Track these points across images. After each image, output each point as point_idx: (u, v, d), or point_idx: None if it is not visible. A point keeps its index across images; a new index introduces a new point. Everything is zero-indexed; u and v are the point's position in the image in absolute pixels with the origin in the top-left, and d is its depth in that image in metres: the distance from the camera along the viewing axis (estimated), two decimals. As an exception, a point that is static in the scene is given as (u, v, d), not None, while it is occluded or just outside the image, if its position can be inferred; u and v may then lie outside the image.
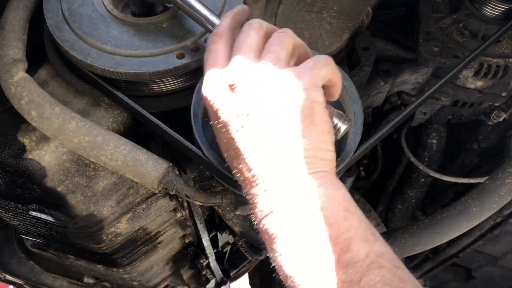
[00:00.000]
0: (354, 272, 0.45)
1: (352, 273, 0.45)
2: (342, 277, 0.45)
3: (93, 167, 0.78)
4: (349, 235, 0.47)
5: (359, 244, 0.46)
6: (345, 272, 0.45)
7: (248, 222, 0.93)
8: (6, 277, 1.29)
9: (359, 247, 0.46)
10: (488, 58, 0.91)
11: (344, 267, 0.45)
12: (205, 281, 1.48)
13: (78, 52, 0.73)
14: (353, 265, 0.45)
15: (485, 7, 0.95)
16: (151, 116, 0.73)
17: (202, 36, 0.75)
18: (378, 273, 0.45)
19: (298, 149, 0.52)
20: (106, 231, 0.90)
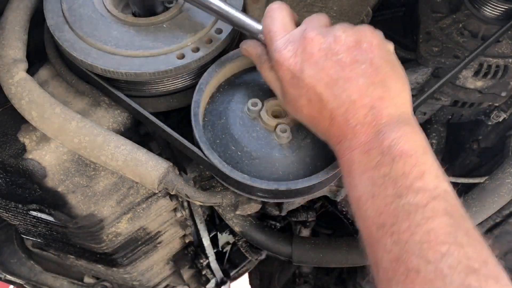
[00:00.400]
0: (422, 197, 0.50)
1: (420, 198, 0.50)
2: (411, 200, 0.50)
3: (93, 167, 0.78)
4: (424, 168, 0.52)
5: (430, 177, 0.52)
6: (414, 196, 0.50)
7: (248, 222, 0.93)
8: (6, 277, 1.29)
9: (430, 180, 0.51)
10: (488, 58, 0.91)
11: (415, 192, 0.50)
12: (205, 281, 1.48)
13: (78, 52, 0.73)
14: (422, 192, 0.50)
15: (485, 7, 0.95)
16: (151, 116, 0.73)
17: (202, 36, 0.75)
18: (443, 204, 0.50)
19: (405, 91, 0.59)
20: (107, 231, 0.90)
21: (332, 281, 1.86)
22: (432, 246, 0.47)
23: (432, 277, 0.45)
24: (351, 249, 0.93)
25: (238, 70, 0.80)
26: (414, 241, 0.48)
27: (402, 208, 0.50)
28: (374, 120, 0.56)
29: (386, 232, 0.50)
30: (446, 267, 0.45)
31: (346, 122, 0.57)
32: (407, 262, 0.47)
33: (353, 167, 0.56)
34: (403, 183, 0.51)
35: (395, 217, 0.50)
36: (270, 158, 0.70)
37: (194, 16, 0.77)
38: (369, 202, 0.54)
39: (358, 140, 0.56)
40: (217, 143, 0.73)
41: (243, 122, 0.73)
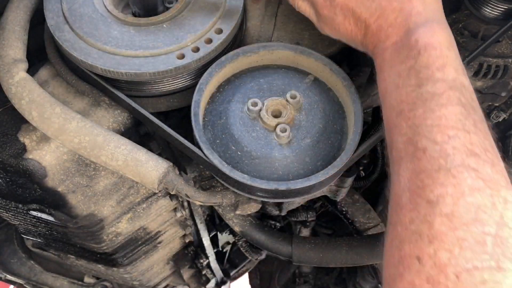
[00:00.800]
0: (440, 87, 0.53)
1: (438, 87, 0.53)
2: (429, 88, 0.54)
3: (93, 167, 0.78)
4: (446, 61, 0.55)
5: (451, 69, 0.55)
6: (433, 85, 0.54)
7: (248, 222, 0.93)
8: (6, 277, 1.29)
9: (450, 72, 0.55)
10: (488, 58, 0.92)
11: (434, 81, 0.54)
12: (205, 280, 1.48)
13: (78, 52, 0.73)
14: (441, 82, 0.54)
15: (485, 7, 0.95)
16: (151, 116, 0.73)
17: (202, 36, 0.75)
18: (458, 95, 0.53)
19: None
20: (107, 230, 0.90)
21: (332, 281, 1.86)
22: (441, 130, 0.51)
23: (436, 156, 0.49)
24: (351, 249, 0.93)
25: (238, 70, 0.80)
26: (426, 125, 0.52)
27: (420, 96, 0.54)
28: (404, 20, 0.60)
29: (404, 117, 0.55)
30: (450, 148, 0.49)
31: (379, 27, 0.62)
32: (417, 143, 0.52)
33: (384, 63, 0.61)
34: (425, 73, 0.55)
35: (413, 104, 0.54)
36: (270, 158, 0.70)
37: (194, 16, 0.78)
38: (394, 92, 0.58)
39: (390, 41, 0.60)
40: (217, 143, 0.73)
41: (243, 122, 0.73)
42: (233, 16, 0.78)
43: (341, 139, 0.75)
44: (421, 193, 0.49)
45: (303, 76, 0.79)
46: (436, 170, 0.49)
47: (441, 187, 0.48)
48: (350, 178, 0.85)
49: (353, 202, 1.11)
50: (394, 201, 0.53)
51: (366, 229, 1.10)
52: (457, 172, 0.48)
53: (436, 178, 0.48)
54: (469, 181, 0.47)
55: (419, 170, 0.50)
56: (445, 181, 0.48)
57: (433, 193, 0.48)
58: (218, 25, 0.77)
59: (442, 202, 0.47)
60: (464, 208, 0.46)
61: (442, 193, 0.47)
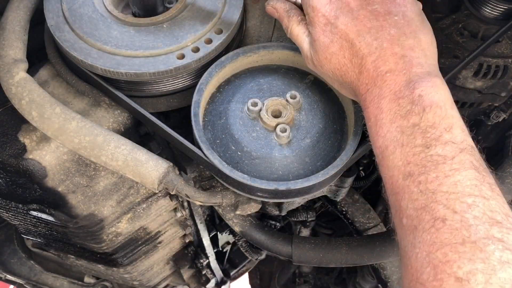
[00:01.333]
0: (451, 149, 0.51)
1: (448, 150, 0.51)
2: (439, 151, 0.51)
3: (93, 167, 0.78)
4: (452, 121, 0.53)
5: (458, 130, 0.53)
6: (443, 148, 0.51)
7: (248, 222, 0.93)
8: (6, 277, 1.29)
9: (458, 133, 0.52)
10: (488, 58, 0.92)
11: (443, 144, 0.51)
12: (205, 280, 1.48)
13: (78, 52, 0.73)
14: (451, 144, 0.51)
15: (485, 7, 0.95)
16: (151, 116, 0.73)
17: (202, 36, 0.75)
18: (469, 157, 0.51)
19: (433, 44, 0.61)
20: (107, 230, 0.90)
21: (332, 281, 1.86)
22: (458, 197, 0.48)
23: (458, 226, 0.46)
24: (351, 249, 0.93)
25: (238, 70, 0.80)
26: (441, 191, 0.49)
27: (430, 159, 0.51)
28: (405, 69, 0.57)
29: (413, 181, 0.51)
30: (472, 218, 0.46)
31: (377, 69, 0.58)
32: (433, 211, 0.48)
33: (381, 115, 0.57)
34: (432, 134, 0.52)
35: (423, 167, 0.51)
36: (270, 158, 0.70)
37: (194, 17, 0.78)
38: (397, 151, 0.54)
39: (388, 88, 0.57)
40: (217, 143, 0.73)
41: (243, 122, 0.73)
42: (233, 16, 0.78)
43: (341, 139, 0.75)
44: (446, 269, 0.45)
45: (303, 76, 0.79)
46: (460, 243, 0.45)
47: (469, 263, 0.44)
48: (350, 178, 0.85)
49: (353, 202, 1.11)
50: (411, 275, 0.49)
51: (366, 229, 1.10)
52: (483, 245, 0.44)
53: (462, 252, 0.45)
54: (497, 254, 0.44)
55: (439, 242, 0.47)
56: (472, 255, 0.44)
57: (462, 269, 0.44)
58: (218, 25, 0.77)
59: (473, 280, 0.43)
60: (497, 285, 0.43)
61: (471, 270, 0.44)
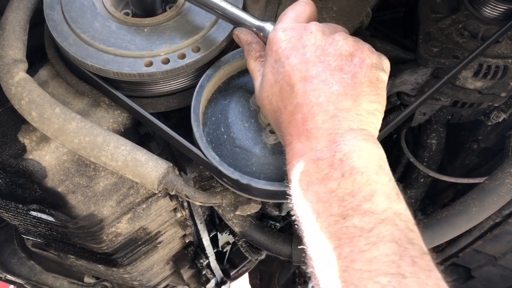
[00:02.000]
0: (369, 221, 0.47)
1: (366, 221, 0.47)
2: (356, 222, 0.47)
3: (93, 167, 0.78)
4: (375, 188, 0.49)
5: (381, 198, 0.48)
6: (360, 218, 0.47)
7: (248, 222, 0.93)
8: (6, 277, 1.29)
9: (380, 201, 0.48)
10: (488, 59, 0.91)
11: (361, 214, 0.47)
12: (205, 280, 1.48)
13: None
14: (369, 215, 0.47)
15: (485, 7, 0.95)
16: (151, 116, 0.73)
17: (177, 50, 0.74)
18: (390, 229, 0.46)
19: (375, 115, 0.57)
20: (107, 231, 0.90)
21: (332, 281, 1.85)
22: (372, 276, 0.44)
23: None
24: (350, 249, 0.93)
25: (240, 69, 0.80)
26: (354, 269, 0.45)
27: (346, 231, 0.47)
28: (331, 129, 0.54)
29: (329, 256, 0.47)
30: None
31: (304, 122, 0.55)
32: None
33: (299, 176, 0.54)
34: (350, 202, 0.48)
35: (337, 240, 0.47)
36: (249, 152, 0.71)
37: (178, 29, 0.77)
38: (312, 220, 0.51)
39: (309, 145, 0.54)
40: (212, 121, 0.74)
41: (242, 110, 0.74)
42: (217, 38, 0.76)
43: None
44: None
45: None
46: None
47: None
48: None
49: (353, 202, 1.11)
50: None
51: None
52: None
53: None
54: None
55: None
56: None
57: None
58: (198, 43, 0.75)
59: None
60: None
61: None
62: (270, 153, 0.71)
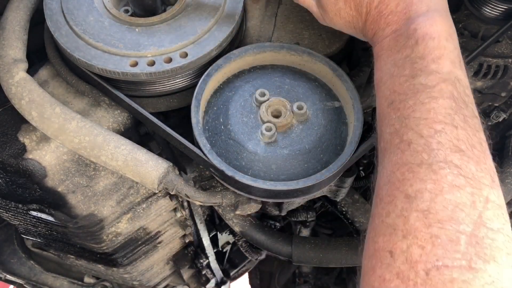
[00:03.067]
0: (433, 79, 0.52)
1: (431, 79, 0.52)
2: (422, 80, 0.53)
3: (93, 167, 0.78)
4: (443, 52, 0.54)
5: (447, 62, 0.54)
6: (426, 77, 0.53)
7: (248, 222, 0.93)
8: (6, 277, 1.29)
9: (446, 64, 0.53)
10: (488, 58, 0.91)
11: (427, 73, 0.53)
12: (205, 280, 1.48)
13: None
14: (435, 74, 0.53)
15: (485, 7, 0.95)
16: (151, 116, 0.73)
17: (164, 53, 0.74)
18: (450, 88, 0.52)
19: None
20: (107, 230, 0.90)
21: (332, 281, 1.86)
22: (428, 123, 0.50)
23: (420, 149, 0.49)
24: (351, 249, 0.93)
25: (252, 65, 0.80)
26: (414, 117, 0.51)
27: (413, 87, 0.53)
28: (405, 8, 0.58)
29: (394, 108, 0.54)
30: (435, 143, 0.48)
31: (380, 13, 0.60)
32: (403, 135, 0.51)
33: (381, 52, 0.60)
34: (420, 64, 0.54)
35: (404, 94, 0.53)
36: (242, 147, 0.71)
37: (169, 32, 0.76)
38: (388, 81, 0.56)
39: (390, 28, 0.59)
40: (214, 110, 0.75)
41: (244, 104, 0.74)
42: (207, 47, 0.75)
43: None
44: (400, 186, 0.48)
45: (327, 94, 0.78)
46: (418, 164, 0.48)
47: (420, 182, 0.47)
48: (350, 178, 0.85)
49: (353, 202, 1.11)
50: (376, 193, 0.53)
51: (366, 229, 1.10)
52: (438, 167, 0.47)
53: (416, 172, 0.48)
54: (450, 177, 0.46)
55: (401, 162, 0.50)
56: (425, 176, 0.47)
57: (412, 187, 0.47)
58: (187, 49, 0.74)
59: (419, 197, 0.46)
60: (441, 205, 0.45)
61: (420, 189, 0.46)
62: (262, 151, 0.71)
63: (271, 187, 0.67)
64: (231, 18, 0.78)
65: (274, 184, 0.67)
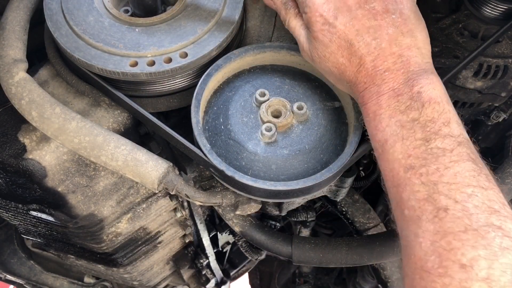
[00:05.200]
0: (449, 143, 0.53)
1: (447, 143, 0.53)
2: (439, 144, 0.53)
3: (93, 167, 0.78)
4: (450, 116, 0.55)
5: (455, 124, 0.55)
6: (442, 141, 0.53)
7: (248, 222, 0.93)
8: (6, 277, 1.29)
9: (455, 127, 0.55)
10: (488, 59, 0.92)
11: (442, 137, 0.53)
12: (205, 280, 1.48)
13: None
14: (449, 138, 0.53)
15: (485, 7, 0.95)
16: (151, 116, 0.73)
17: (164, 54, 0.74)
18: (466, 150, 0.53)
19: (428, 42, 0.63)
20: (107, 231, 0.90)
21: (332, 281, 1.86)
22: (459, 188, 0.50)
23: (460, 215, 0.48)
24: (351, 249, 0.93)
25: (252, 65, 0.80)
26: (442, 182, 0.51)
27: (431, 152, 0.53)
28: (403, 67, 0.58)
29: (415, 173, 0.53)
30: (472, 207, 0.48)
31: (375, 68, 0.59)
32: (436, 201, 0.50)
33: (380, 111, 0.58)
34: (432, 128, 0.54)
35: (424, 159, 0.53)
36: (242, 147, 0.71)
37: (169, 32, 0.76)
38: (397, 145, 0.56)
39: (387, 86, 0.58)
40: (214, 110, 0.75)
41: (244, 104, 0.74)
42: (207, 47, 0.75)
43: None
44: (451, 256, 0.47)
45: (327, 94, 0.78)
46: (463, 232, 0.47)
47: (472, 250, 0.46)
48: (350, 178, 0.85)
49: (353, 202, 1.11)
50: (415, 264, 0.51)
51: (366, 229, 1.10)
52: (484, 232, 0.46)
53: (465, 240, 0.47)
54: (498, 240, 0.46)
55: (443, 231, 0.48)
56: (475, 242, 0.46)
57: (465, 256, 0.46)
58: (187, 49, 0.74)
59: (476, 265, 0.45)
60: (499, 270, 0.45)
61: (474, 256, 0.46)
62: (262, 151, 0.71)
63: (271, 187, 0.67)
64: (231, 19, 0.78)
65: (274, 184, 0.67)
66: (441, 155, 0.52)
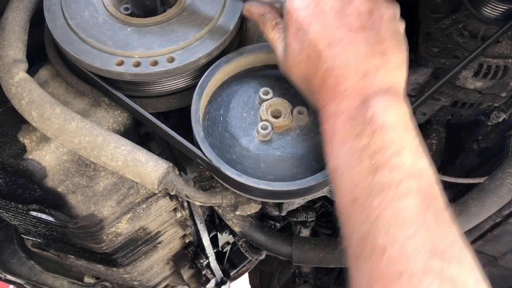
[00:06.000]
0: (397, 175, 0.49)
1: (395, 175, 0.49)
2: (385, 176, 0.49)
3: (93, 167, 0.78)
4: (403, 144, 0.51)
5: (408, 154, 0.51)
6: (389, 173, 0.49)
7: (248, 222, 0.93)
8: (6, 277, 1.29)
9: (408, 157, 0.50)
10: (488, 59, 0.91)
11: (389, 168, 0.50)
12: (205, 280, 1.48)
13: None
14: (398, 169, 0.49)
15: (485, 7, 0.95)
16: (151, 116, 0.73)
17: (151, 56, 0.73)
18: (416, 183, 0.49)
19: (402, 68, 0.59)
20: (107, 231, 0.90)
21: (332, 281, 1.86)
22: (399, 227, 0.46)
23: (396, 257, 0.45)
24: (351, 249, 0.93)
25: (264, 63, 0.80)
26: (383, 220, 0.47)
27: (375, 184, 0.49)
28: (364, 88, 0.55)
29: (359, 206, 0.50)
30: (411, 248, 0.45)
31: (337, 85, 0.57)
32: (374, 240, 0.47)
33: (335, 135, 0.56)
34: (380, 157, 0.50)
35: (368, 192, 0.50)
36: (236, 141, 0.71)
37: (161, 35, 0.76)
38: (345, 174, 0.53)
39: (344, 106, 0.55)
40: (217, 101, 0.75)
41: (247, 100, 0.75)
42: (195, 54, 0.74)
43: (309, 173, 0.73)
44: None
45: None
46: (397, 277, 0.44)
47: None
48: (350, 178, 0.85)
49: (353, 202, 1.11)
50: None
51: None
52: (420, 278, 0.43)
53: (399, 286, 0.44)
54: (434, 287, 0.43)
55: (378, 274, 0.46)
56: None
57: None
58: (176, 54, 0.73)
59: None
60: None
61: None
62: (254, 148, 0.71)
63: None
64: (226, 28, 0.77)
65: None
66: (386, 188, 0.49)
